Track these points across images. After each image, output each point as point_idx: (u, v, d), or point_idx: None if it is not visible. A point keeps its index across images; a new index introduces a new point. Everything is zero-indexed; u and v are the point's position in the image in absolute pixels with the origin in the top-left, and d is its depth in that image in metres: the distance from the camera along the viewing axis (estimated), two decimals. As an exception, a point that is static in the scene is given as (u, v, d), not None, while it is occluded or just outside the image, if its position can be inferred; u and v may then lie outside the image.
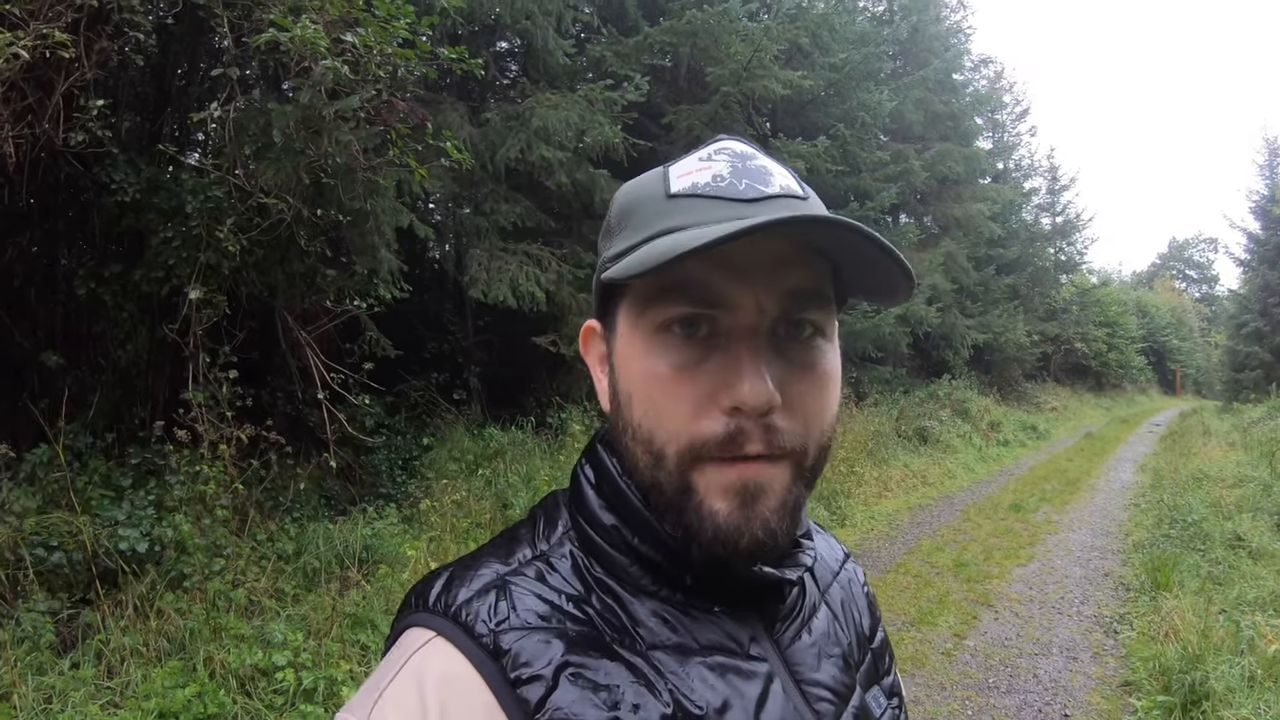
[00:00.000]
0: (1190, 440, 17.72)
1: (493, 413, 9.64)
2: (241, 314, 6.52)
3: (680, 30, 10.49)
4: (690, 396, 0.67)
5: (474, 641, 0.66)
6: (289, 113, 5.26)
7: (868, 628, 0.92)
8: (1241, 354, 30.09)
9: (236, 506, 5.88)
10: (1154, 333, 48.05)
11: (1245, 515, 9.00)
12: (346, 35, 5.22)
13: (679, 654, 0.70)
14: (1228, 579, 6.93)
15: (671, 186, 0.71)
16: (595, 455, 0.79)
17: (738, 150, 0.74)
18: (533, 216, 9.41)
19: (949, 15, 22.97)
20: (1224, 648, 5.18)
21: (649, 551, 0.73)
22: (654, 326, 0.69)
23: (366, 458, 7.73)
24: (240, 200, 5.65)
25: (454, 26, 8.42)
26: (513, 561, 0.74)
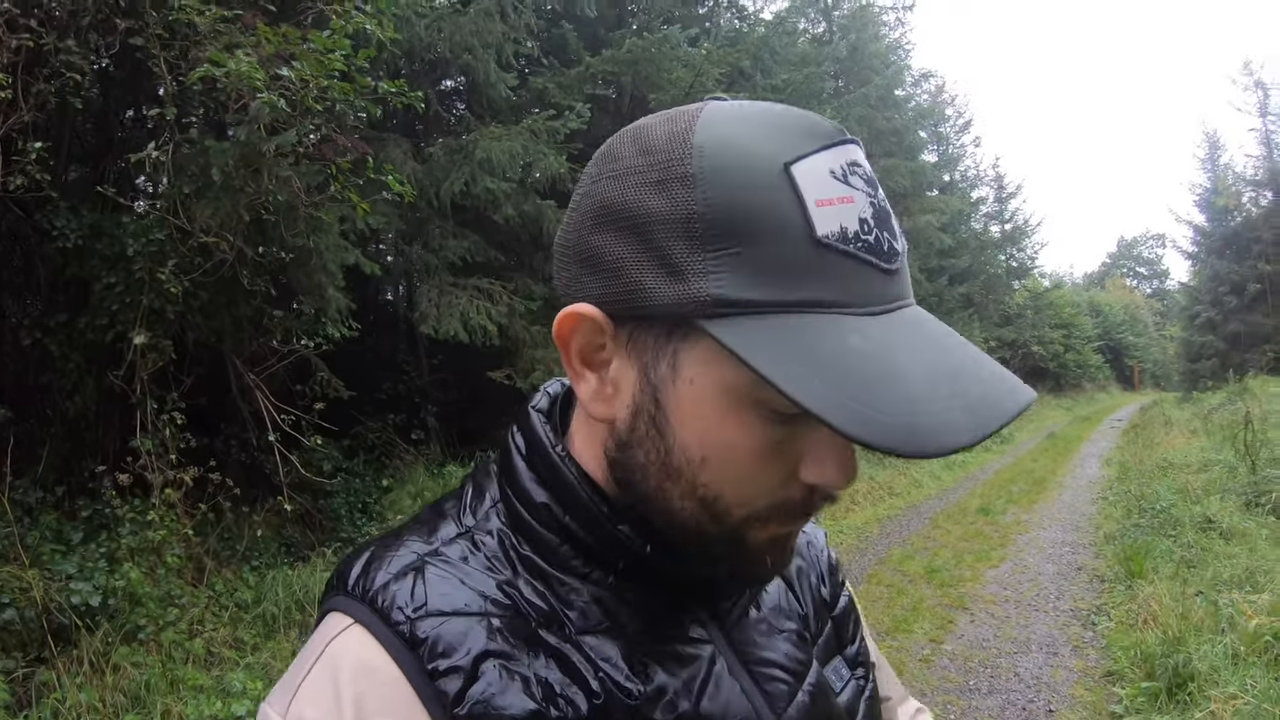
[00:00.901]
0: (1152, 432, 17.93)
1: (452, 451, 9.54)
2: (189, 360, 6.43)
3: (621, 59, 10.51)
4: (777, 472, 0.62)
5: (390, 630, 0.61)
6: (227, 150, 5.20)
7: (828, 595, 0.87)
8: (1196, 344, 30.94)
9: (191, 555, 5.76)
10: (1109, 331, 48.92)
11: (1213, 498, 9.08)
12: (282, 69, 5.16)
13: (611, 639, 0.66)
14: (1201, 561, 6.95)
15: (816, 224, 0.56)
16: (528, 424, 0.73)
17: (868, 173, 0.60)
18: (481, 251, 9.35)
19: (888, 32, 23.34)
20: (1204, 628, 5.19)
21: (580, 532, 0.68)
22: (750, 397, 0.59)
23: (325, 502, 7.60)
24: (181, 241, 5.56)
25: (395, 63, 8.39)
26: (435, 540, 0.68)
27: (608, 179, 0.62)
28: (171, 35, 5.46)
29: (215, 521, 6.20)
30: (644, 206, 0.59)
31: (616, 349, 0.64)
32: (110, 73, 6.13)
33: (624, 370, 0.64)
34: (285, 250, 6.04)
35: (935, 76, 31.11)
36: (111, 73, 6.15)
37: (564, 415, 0.77)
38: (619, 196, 0.60)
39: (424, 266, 9.08)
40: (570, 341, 0.65)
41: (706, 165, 0.57)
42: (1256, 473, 9.57)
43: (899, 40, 24.21)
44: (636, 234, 0.59)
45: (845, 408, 0.52)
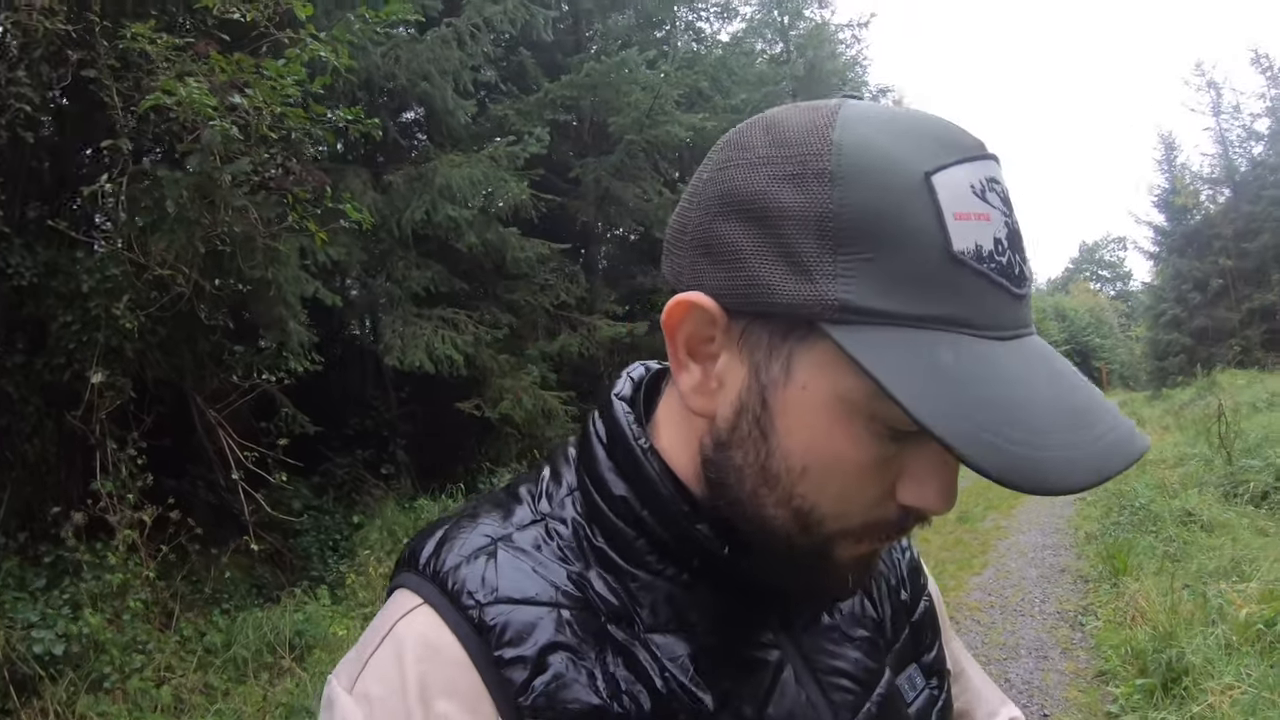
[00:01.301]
0: (1126, 431, 18.02)
1: (423, 484, 9.40)
2: (149, 398, 6.28)
3: (580, 84, 10.55)
4: (878, 489, 0.59)
5: (460, 613, 0.60)
6: (180, 180, 5.10)
7: (908, 599, 0.83)
8: (1163, 342, 31.35)
9: (157, 599, 5.61)
10: (1075, 334, 49.65)
11: (1191, 491, 9.08)
12: (235, 97, 5.07)
13: (679, 639, 0.64)
14: (1185, 554, 6.92)
15: (953, 237, 0.53)
16: (610, 412, 0.70)
17: (1004, 191, 0.57)
18: (445, 281, 9.29)
19: (844, 50, 23.46)
20: (1195, 621, 5.14)
21: (657, 528, 0.65)
22: (863, 408, 0.55)
23: (295, 541, 7.45)
24: (136, 276, 5.43)
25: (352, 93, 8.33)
26: (509, 524, 0.67)
27: (737, 167, 0.59)
28: (124, 66, 5.37)
29: (181, 563, 6.05)
30: (776, 199, 0.55)
31: (727, 343, 0.61)
32: (64, 106, 6.02)
33: (732, 366, 0.61)
34: (243, 282, 5.93)
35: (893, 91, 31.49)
36: (65, 106, 6.03)
37: (648, 401, 0.74)
38: (749, 186, 0.57)
39: (387, 297, 9.00)
40: (678, 330, 0.61)
41: (846, 164, 0.54)
42: (1233, 464, 9.62)
43: (856, 57, 24.43)
44: (765, 226, 0.56)
45: (969, 434, 0.50)
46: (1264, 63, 28.79)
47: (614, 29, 12.73)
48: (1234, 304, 28.28)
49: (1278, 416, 12.16)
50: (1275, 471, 8.74)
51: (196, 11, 5.55)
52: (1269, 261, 27.17)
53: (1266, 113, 29.45)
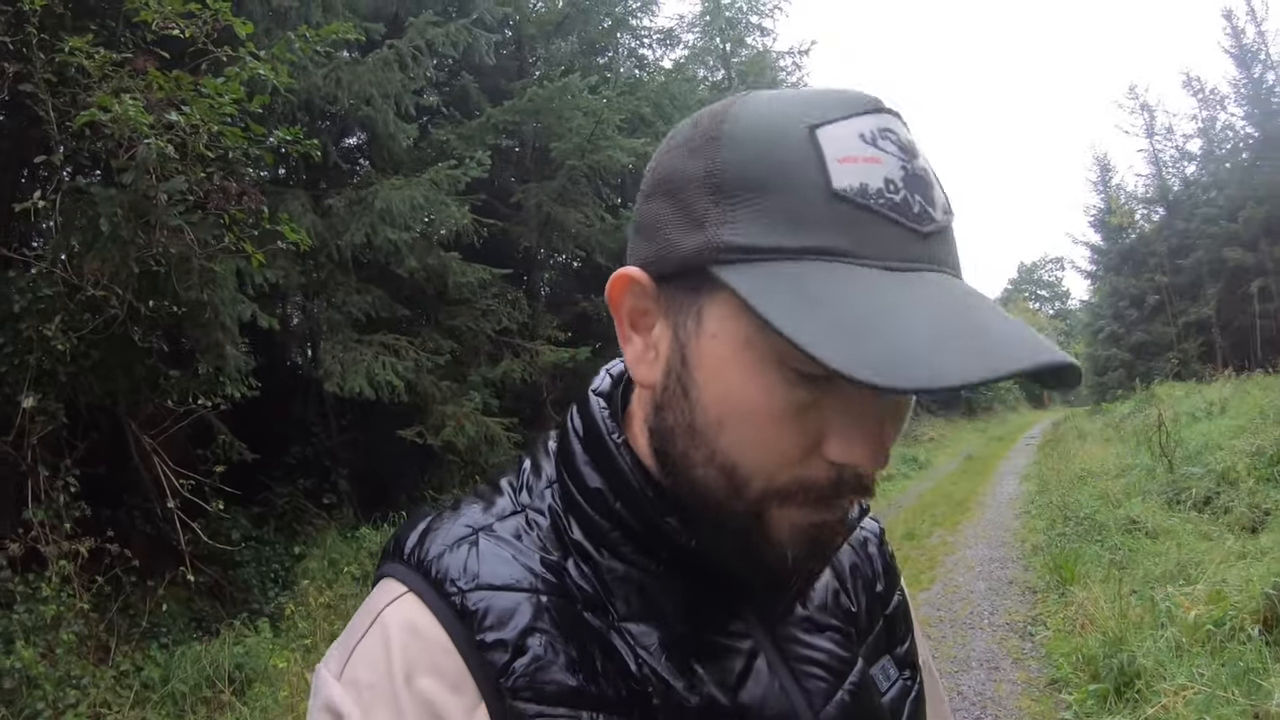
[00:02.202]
0: (1067, 445, 18.35)
1: (365, 513, 9.22)
2: (83, 424, 6.09)
3: (522, 109, 10.53)
4: (799, 440, 0.60)
5: (443, 599, 0.63)
6: (114, 198, 4.95)
7: (883, 591, 0.85)
8: (1102, 358, 32.31)
9: (92, 633, 5.41)
10: (1017, 354, 50.43)
11: (1135, 500, 9.27)
12: (172, 114, 4.96)
13: (653, 627, 0.66)
14: (1131, 561, 7.03)
15: (834, 177, 0.56)
16: (586, 407, 0.73)
17: (903, 139, 0.59)
18: (386, 306, 9.18)
19: (785, 77, 23.70)
20: (1144, 625, 5.21)
21: (630, 519, 0.67)
22: (773, 354, 0.57)
23: (235, 572, 7.24)
24: (69, 296, 5.26)
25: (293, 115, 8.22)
26: (491, 515, 0.69)
27: (663, 154, 0.65)
28: (61, 81, 5.24)
29: (116, 595, 5.84)
30: (680, 169, 0.61)
31: (658, 310, 0.64)
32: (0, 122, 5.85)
33: (663, 331, 0.64)
34: (178, 305, 5.76)
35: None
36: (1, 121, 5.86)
37: (625, 397, 0.76)
38: (665, 165, 0.64)
39: (327, 323, 8.85)
40: (620, 305, 0.66)
41: (734, 128, 0.60)
42: (1174, 471, 9.82)
43: (797, 84, 24.65)
44: (673, 195, 0.62)
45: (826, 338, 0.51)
46: (1195, 86, 29.99)
47: (557, 55, 12.72)
48: (1170, 319, 29.40)
49: (1216, 425, 12.46)
50: (1215, 477, 8.95)
51: (135, 27, 5.45)
52: (1203, 276, 28.21)
53: (1198, 134, 30.79)
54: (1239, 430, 10.99)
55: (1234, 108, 29.16)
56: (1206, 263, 27.73)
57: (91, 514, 5.79)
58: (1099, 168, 34.82)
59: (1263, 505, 7.78)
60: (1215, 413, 14.02)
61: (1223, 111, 29.71)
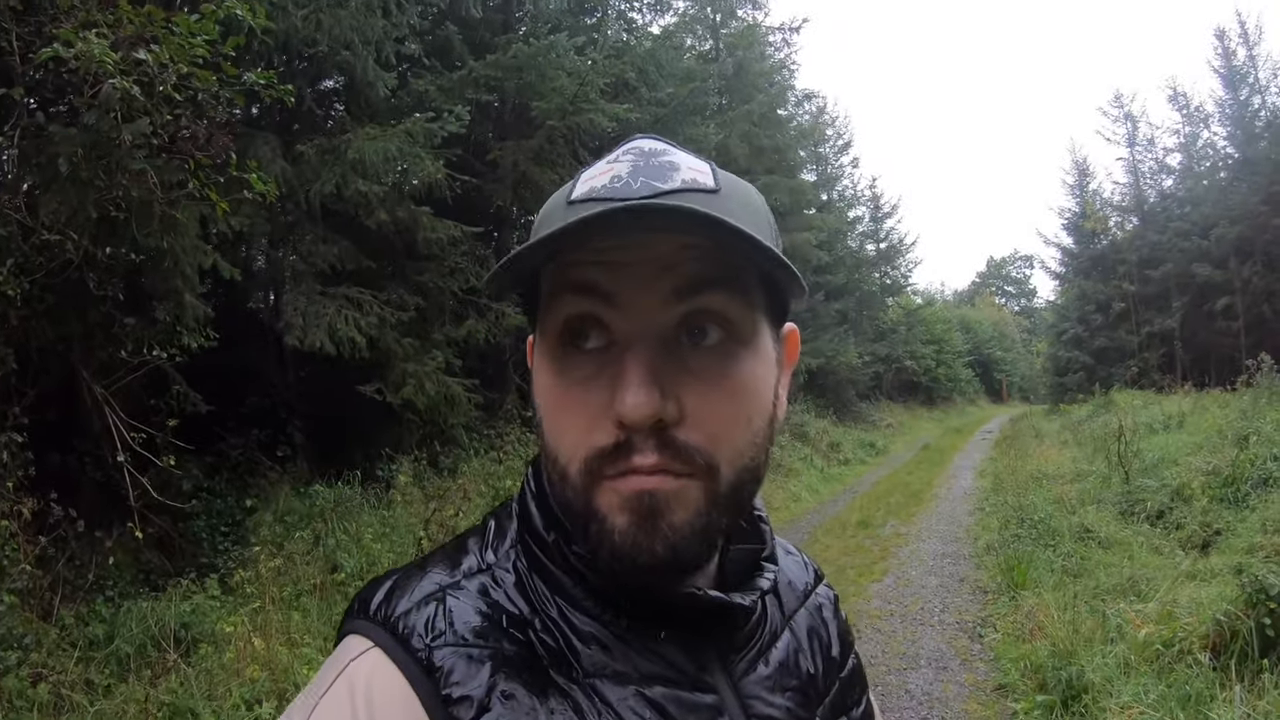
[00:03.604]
0: (1024, 443, 18.62)
1: (319, 468, 9.02)
2: (34, 370, 5.84)
3: (506, 64, 10.30)
4: (585, 411, 0.64)
5: (409, 655, 0.63)
6: (74, 137, 4.71)
7: (838, 654, 0.87)
8: (1063, 359, 32.72)
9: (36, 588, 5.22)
10: (979, 346, 51.20)
11: (1089, 507, 9.41)
12: (140, 52, 4.71)
13: (618, 683, 0.66)
14: (1083, 570, 7.11)
15: (574, 192, 0.66)
16: (538, 466, 0.75)
17: (646, 149, 0.68)
18: (353, 258, 8.95)
19: (773, 53, 23.56)
20: (1095, 639, 5.23)
21: (587, 572, 0.69)
22: (553, 337, 0.66)
23: (185, 525, 7.07)
24: (23, 238, 5.02)
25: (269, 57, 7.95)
26: (457, 573, 0.70)
27: None
28: (26, 8, 4.96)
29: (63, 549, 5.65)
30: None
31: None
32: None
33: None
34: (137, 251, 5.53)
35: (817, 98, 31.96)
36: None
37: None
38: None
39: (291, 272, 8.62)
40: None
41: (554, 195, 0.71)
42: (1130, 482, 9.90)
43: (784, 60, 24.53)
44: None
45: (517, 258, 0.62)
46: (1181, 101, 29.98)
47: (545, 12, 12.43)
48: (1134, 327, 29.77)
49: (1174, 438, 12.65)
50: (1170, 491, 9.04)
51: (108, -45, 5.16)
52: (1171, 289, 28.50)
53: (1179, 148, 30.87)
54: (1196, 447, 11.15)
55: (1217, 126, 29.27)
56: (1175, 276, 27.99)
57: (41, 461, 5.61)
58: (1077, 171, 34.95)
59: (1214, 524, 7.89)
60: (1173, 426, 14.24)
61: (1205, 129, 29.84)
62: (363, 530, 7.54)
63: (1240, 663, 4.41)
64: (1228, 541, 7.35)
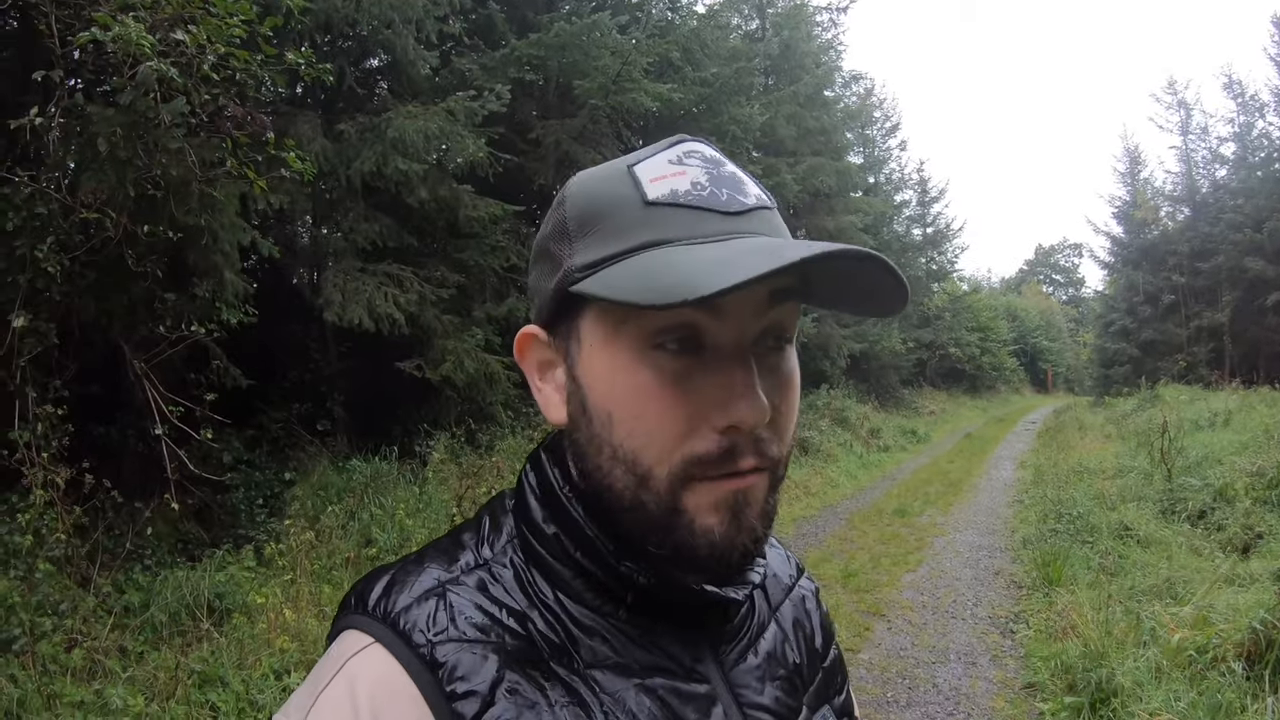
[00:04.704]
0: (1067, 435, 18.29)
1: (358, 443, 9.13)
2: (78, 344, 5.97)
3: (548, 43, 10.28)
4: (683, 415, 0.65)
5: (411, 651, 0.64)
6: (112, 118, 4.79)
7: (820, 645, 0.89)
8: (1110, 351, 32.12)
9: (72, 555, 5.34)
10: (1024, 335, 50.45)
11: (1129, 505, 9.19)
12: (178, 33, 4.76)
13: (618, 674, 0.68)
14: (1120, 569, 6.95)
15: (648, 192, 0.67)
16: (538, 462, 0.77)
17: (708, 155, 0.71)
18: (394, 235, 8.99)
19: (821, 33, 23.23)
20: (1127, 641, 5.13)
21: (590, 565, 0.71)
22: (641, 338, 0.65)
23: (224, 496, 7.20)
24: (63, 216, 5.11)
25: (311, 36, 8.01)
26: (455, 568, 0.71)
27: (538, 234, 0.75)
28: (66, -10, 5.02)
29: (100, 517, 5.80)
30: (543, 236, 0.73)
31: (555, 355, 0.73)
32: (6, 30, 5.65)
33: (561, 371, 0.72)
34: (175, 229, 5.61)
35: (865, 79, 31.44)
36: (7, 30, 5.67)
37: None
38: (536, 239, 0.75)
39: (332, 250, 8.70)
40: (527, 360, 0.75)
41: (576, 188, 0.72)
42: (1172, 480, 9.69)
43: (831, 41, 24.12)
44: (542, 257, 0.73)
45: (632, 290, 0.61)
46: (1236, 89, 29.12)
47: (588, -12, 12.40)
48: (1183, 320, 29.02)
49: (1218, 437, 12.27)
50: (1213, 491, 8.82)
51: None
52: (1221, 282, 27.72)
53: (1233, 138, 29.82)
54: (1241, 446, 10.83)
55: (1273, 116, 28.51)
56: (1226, 269, 27.27)
57: (84, 433, 5.72)
58: (1129, 159, 34.01)
59: (1256, 527, 7.68)
60: (1219, 424, 13.85)
61: (1261, 119, 29.02)
62: (397, 505, 7.62)
63: (1275, 673, 4.31)
64: (1269, 546, 7.17)
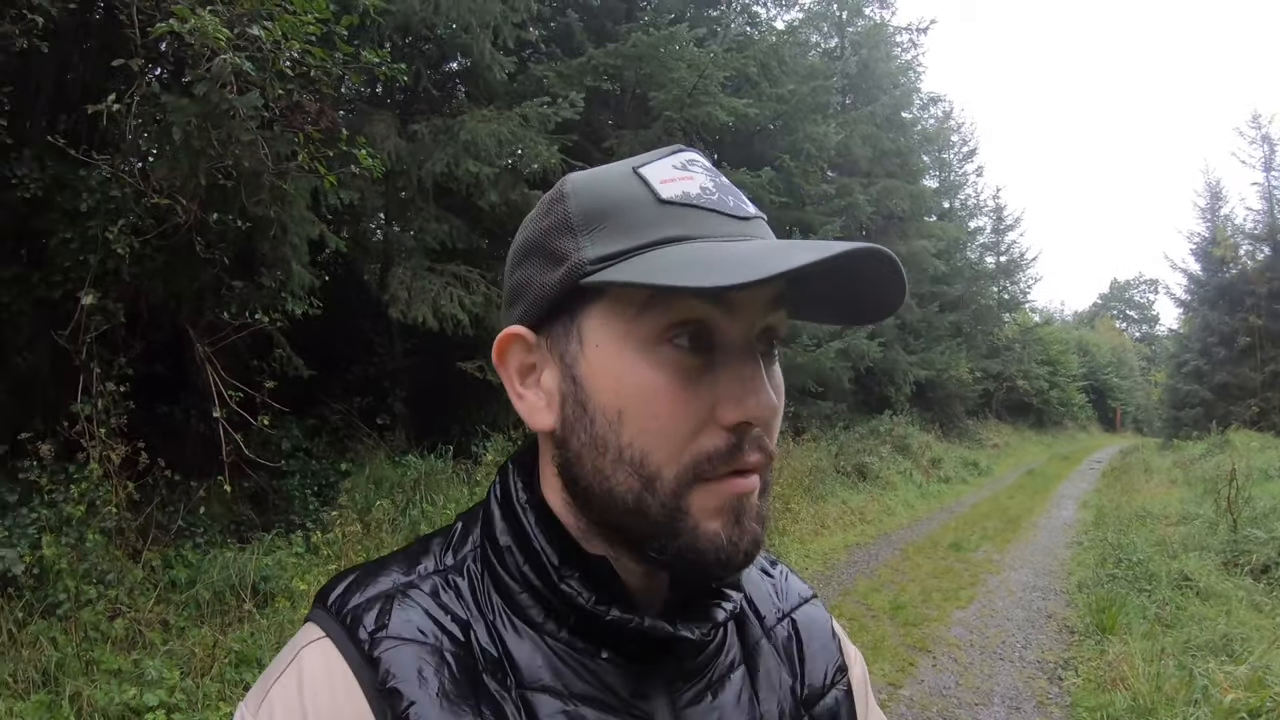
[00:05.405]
0: (1132, 477, 17.81)
1: (417, 439, 9.25)
2: (144, 324, 6.17)
3: (625, 53, 10.34)
4: (695, 412, 0.65)
5: (355, 646, 0.66)
6: (186, 107, 4.93)
7: (821, 683, 0.83)
8: (1182, 392, 30.82)
9: (125, 528, 5.50)
10: (1095, 371, 49.07)
11: (1191, 554, 8.88)
12: (253, 28, 4.89)
13: (552, 697, 0.67)
14: (1176, 620, 6.73)
15: (660, 191, 0.67)
16: (504, 473, 0.77)
17: (706, 164, 0.72)
18: (464, 236, 9.13)
19: (900, 53, 23.11)
20: (1177, 698, 4.96)
21: (536, 581, 0.70)
22: (654, 334, 0.65)
23: (280, 482, 7.34)
24: (135, 201, 5.29)
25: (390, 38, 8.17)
26: (414, 573, 0.72)
27: (517, 236, 0.74)
28: (148, -17, 5.20)
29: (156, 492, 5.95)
30: (537, 230, 0.71)
31: (543, 358, 0.71)
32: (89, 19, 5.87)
33: (550, 373, 0.70)
34: (244, 219, 5.76)
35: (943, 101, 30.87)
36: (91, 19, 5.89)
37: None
38: (522, 238, 0.73)
39: (401, 247, 8.83)
40: (508, 363, 0.72)
41: (576, 185, 0.70)
42: (1237, 531, 9.35)
43: (910, 62, 23.97)
44: (534, 252, 0.71)
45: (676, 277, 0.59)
46: (1322, 125, 28.01)
47: (668, 2, 12.45)
48: (1258, 364, 27.88)
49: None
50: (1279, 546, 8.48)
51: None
52: (1299, 326, 26.51)
53: (1319, 176, 28.54)
54: (1312, 500, 10.40)
55: (1361, 155, 27.26)
56: (1306, 313, 26.22)
57: (148, 410, 5.88)
58: (1209, 194, 32.71)
59: (1323, 584, 7.36)
60: (1290, 474, 13.32)
61: (1348, 158, 27.76)
62: (447, 503, 7.69)
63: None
64: (1336, 603, 6.89)
